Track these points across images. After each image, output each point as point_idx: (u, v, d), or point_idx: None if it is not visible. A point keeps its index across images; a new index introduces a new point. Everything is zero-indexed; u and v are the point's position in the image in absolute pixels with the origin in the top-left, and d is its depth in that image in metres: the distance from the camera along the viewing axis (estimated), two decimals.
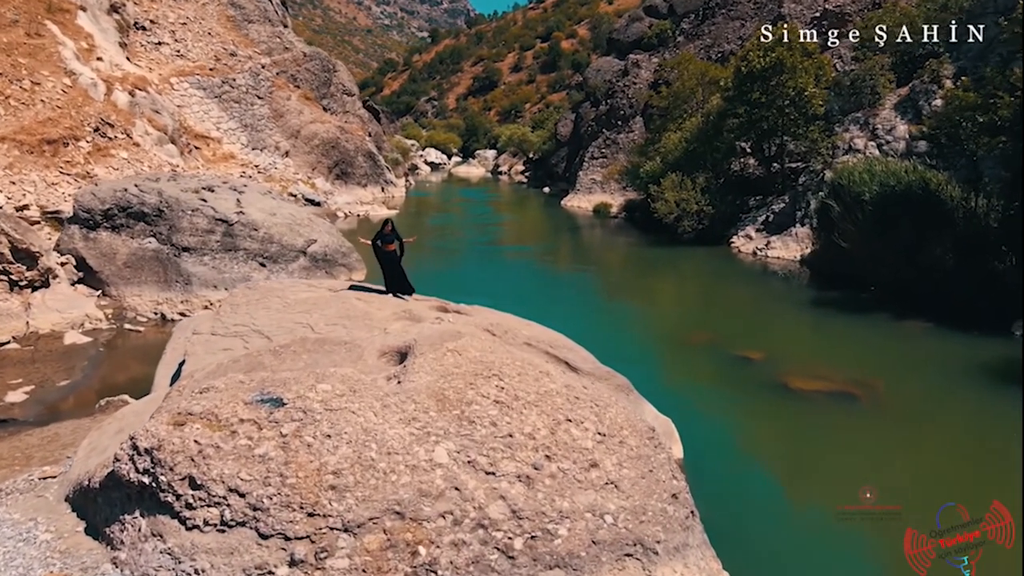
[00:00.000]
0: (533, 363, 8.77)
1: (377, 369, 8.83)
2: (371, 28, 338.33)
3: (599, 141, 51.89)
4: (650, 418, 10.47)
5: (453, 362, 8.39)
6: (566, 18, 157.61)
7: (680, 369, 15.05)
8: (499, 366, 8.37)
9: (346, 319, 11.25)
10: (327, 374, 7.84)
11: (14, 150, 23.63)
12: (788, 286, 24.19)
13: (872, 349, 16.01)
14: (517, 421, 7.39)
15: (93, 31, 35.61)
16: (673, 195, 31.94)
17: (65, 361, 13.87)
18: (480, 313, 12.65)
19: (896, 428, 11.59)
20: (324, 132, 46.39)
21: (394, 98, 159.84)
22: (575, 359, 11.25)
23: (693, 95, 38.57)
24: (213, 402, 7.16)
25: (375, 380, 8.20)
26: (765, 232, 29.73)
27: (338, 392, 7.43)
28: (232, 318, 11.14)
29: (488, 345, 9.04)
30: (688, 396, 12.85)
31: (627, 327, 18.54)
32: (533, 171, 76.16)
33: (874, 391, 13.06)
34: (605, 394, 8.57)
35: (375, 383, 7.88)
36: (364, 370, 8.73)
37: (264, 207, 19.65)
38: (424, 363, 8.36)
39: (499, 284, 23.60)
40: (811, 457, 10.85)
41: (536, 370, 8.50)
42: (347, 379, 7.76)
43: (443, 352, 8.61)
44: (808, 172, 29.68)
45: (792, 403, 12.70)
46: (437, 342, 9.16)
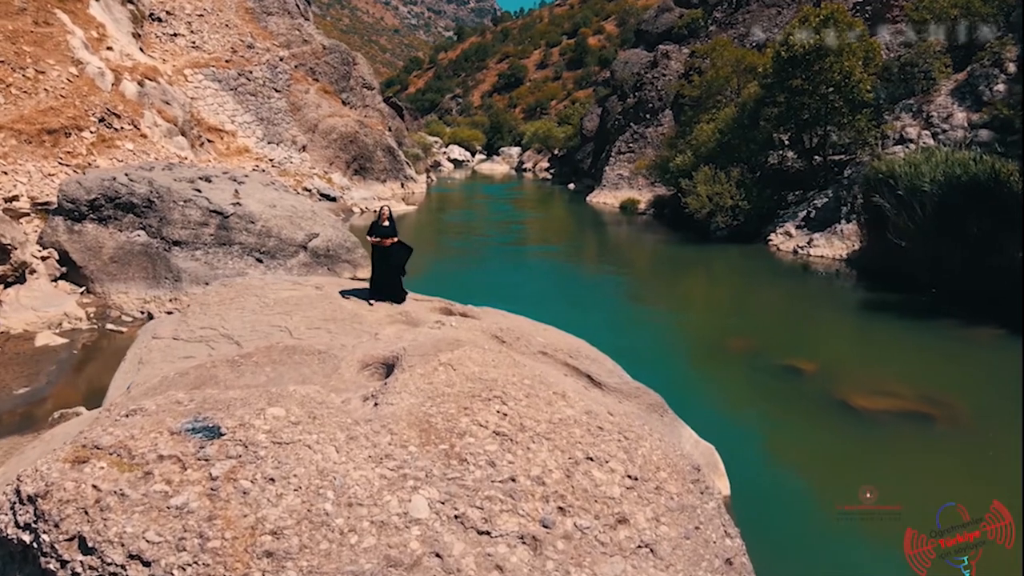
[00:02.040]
0: (546, 380, 7.05)
1: (355, 386, 7.20)
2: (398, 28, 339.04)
3: (626, 135, 49.89)
4: (689, 445, 8.70)
5: (445, 379, 6.70)
6: (593, 14, 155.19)
7: (720, 382, 13.15)
8: (502, 385, 6.67)
9: (332, 322, 9.65)
10: (283, 395, 6.21)
11: (11, 139, 22.52)
12: (834, 287, 22.12)
13: (941, 360, 13.99)
14: (522, 460, 5.69)
15: (105, 21, 34.65)
16: (706, 189, 29.91)
17: (31, 365, 12.48)
18: (490, 316, 10.98)
19: (988, 457, 9.64)
20: (342, 126, 45.10)
21: (419, 96, 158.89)
22: (599, 372, 9.52)
23: (728, 84, 36.41)
24: (130, 431, 5.57)
25: (348, 401, 6.56)
26: (806, 229, 27.60)
27: (293, 419, 5.79)
28: (199, 320, 9.59)
29: (491, 358, 7.34)
30: (732, 415, 11.03)
31: (657, 332, 16.70)
32: (558, 167, 74.29)
33: (952, 411, 11.10)
34: (636, 422, 6.81)
35: (343, 407, 6.23)
36: (338, 386, 7.10)
37: (263, 198, 18.19)
38: (409, 380, 6.70)
39: (517, 285, 21.88)
40: (887, 494, 8.95)
41: (549, 390, 6.78)
42: (307, 401, 6.11)
43: (434, 366, 6.94)
44: (854, 164, 27.46)
45: (856, 425, 10.79)
46: (430, 352, 7.50)
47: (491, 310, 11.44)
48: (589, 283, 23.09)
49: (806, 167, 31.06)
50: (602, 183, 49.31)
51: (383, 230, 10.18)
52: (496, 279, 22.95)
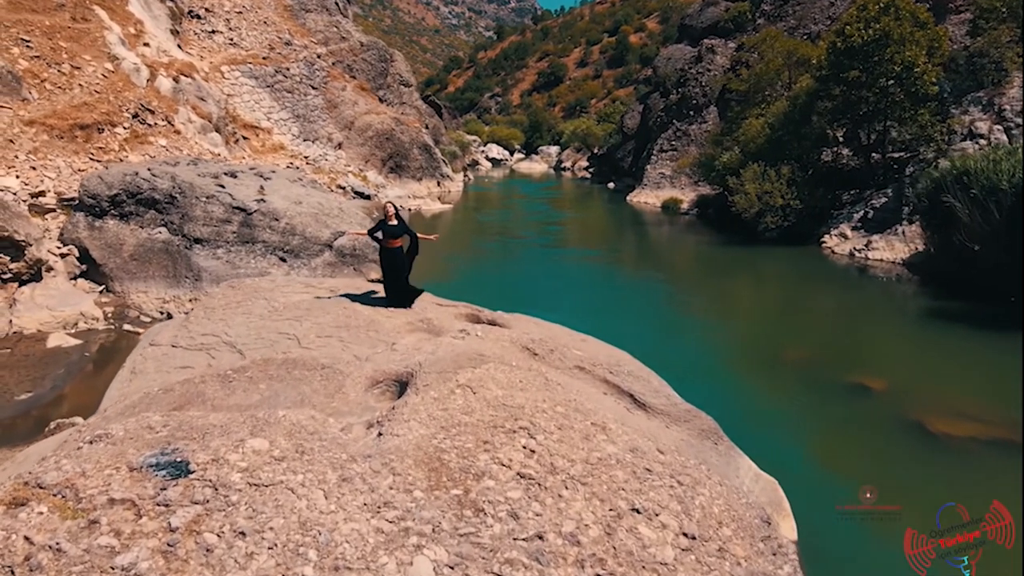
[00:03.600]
0: (583, 408, 5.95)
1: (360, 408, 6.20)
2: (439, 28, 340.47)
3: (669, 133, 48.28)
4: (749, 480, 7.50)
5: (463, 405, 5.66)
6: (635, 11, 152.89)
7: (777, 401, 11.81)
8: (530, 413, 5.60)
9: (345, 329, 8.71)
10: (270, 422, 5.24)
11: (42, 134, 22.29)
12: (897, 293, 20.45)
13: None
14: (552, 512, 4.61)
15: (144, 18, 34.63)
16: (755, 188, 28.31)
17: (38, 368, 11.86)
18: (521, 324, 9.92)
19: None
20: (379, 123, 44.53)
21: (458, 95, 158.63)
22: (643, 391, 8.39)
23: (778, 77, 34.61)
24: (83, 465, 4.67)
25: (348, 428, 5.57)
26: (863, 230, 25.86)
27: (276, 454, 4.82)
28: (201, 326, 8.75)
29: (517, 379, 6.28)
30: (793, 441, 9.74)
31: (705, 342, 15.39)
32: (597, 166, 72.78)
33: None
34: (690, 460, 5.68)
35: (340, 437, 5.23)
36: (340, 409, 6.11)
37: (289, 195, 17.45)
38: (420, 405, 5.67)
39: (553, 290, 20.73)
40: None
41: (586, 420, 5.69)
42: (296, 430, 5.14)
43: (450, 388, 5.90)
44: (917, 161, 25.60)
45: (939, 453, 9.42)
46: (448, 369, 6.48)
47: (523, 317, 10.39)
48: (630, 288, 21.80)
49: (862, 164, 29.21)
50: (643, 182, 47.81)
51: (392, 229, 9.18)
52: (531, 283, 21.84)
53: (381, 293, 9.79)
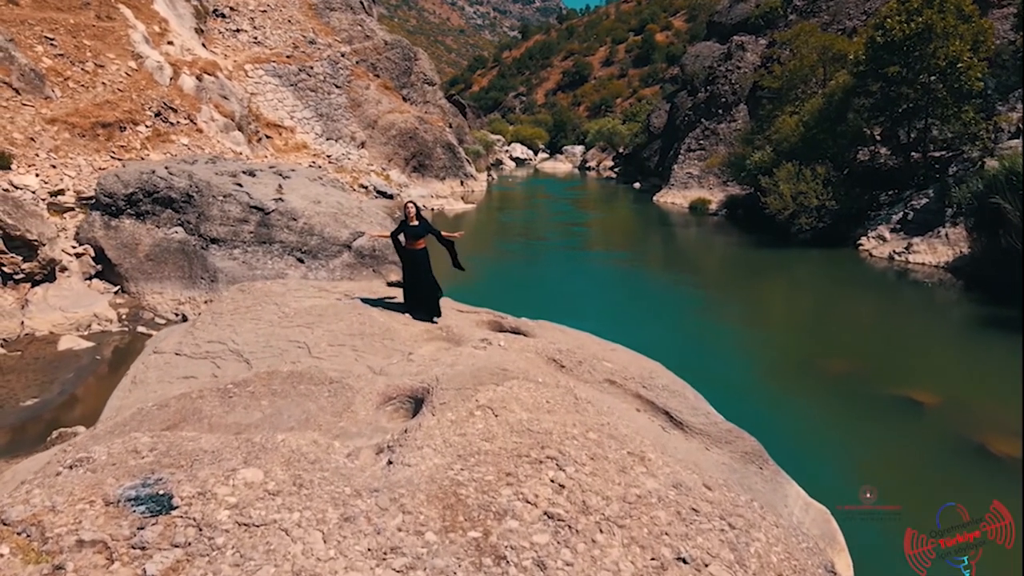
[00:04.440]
0: (617, 433, 5.30)
1: (370, 428, 5.62)
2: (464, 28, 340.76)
3: (697, 132, 47.27)
4: (799, 510, 6.79)
5: (483, 430, 5.05)
6: (661, 9, 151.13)
7: (821, 416, 11.01)
8: (559, 440, 4.97)
9: (359, 337, 8.15)
10: (268, 447, 4.68)
11: (64, 132, 22.17)
12: (941, 299, 19.44)
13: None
14: (586, 561, 3.98)
15: (169, 16, 34.62)
16: (789, 188, 27.31)
17: (47, 372, 11.50)
18: (547, 332, 9.29)
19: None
20: (402, 122, 44.18)
21: (482, 94, 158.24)
22: (679, 408, 7.71)
23: (812, 73, 33.47)
24: (54, 499, 4.14)
25: (355, 453, 5.00)
26: (903, 232, 24.79)
27: (271, 487, 4.24)
28: (208, 332, 8.25)
29: (544, 398, 5.65)
30: (842, 463, 8.98)
31: (741, 351, 14.61)
32: (623, 166, 71.80)
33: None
34: (742, 496, 5.00)
35: (345, 466, 4.66)
36: (348, 429, 5.54)
37: (307, 194, 17.00)
38: (436, 430, 5.07)
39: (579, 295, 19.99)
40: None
41: (622, 448, 5.04)
42: (296, 458, 4.57)
43: (469, 410, 5.30)
44: (960, 161, 24.48)
45: (1001, 479, 8.59)
46: (468, 386, 5.88)
47: (548, 324, 9.75)
48: (659, 293, 20.99)
49: (901, 164, 28.08)
50: (670, 182, 46.85)
51: (413, 230, 8.60)
52: (555, 287, 21.17)
53: (398, 297, 9.22)
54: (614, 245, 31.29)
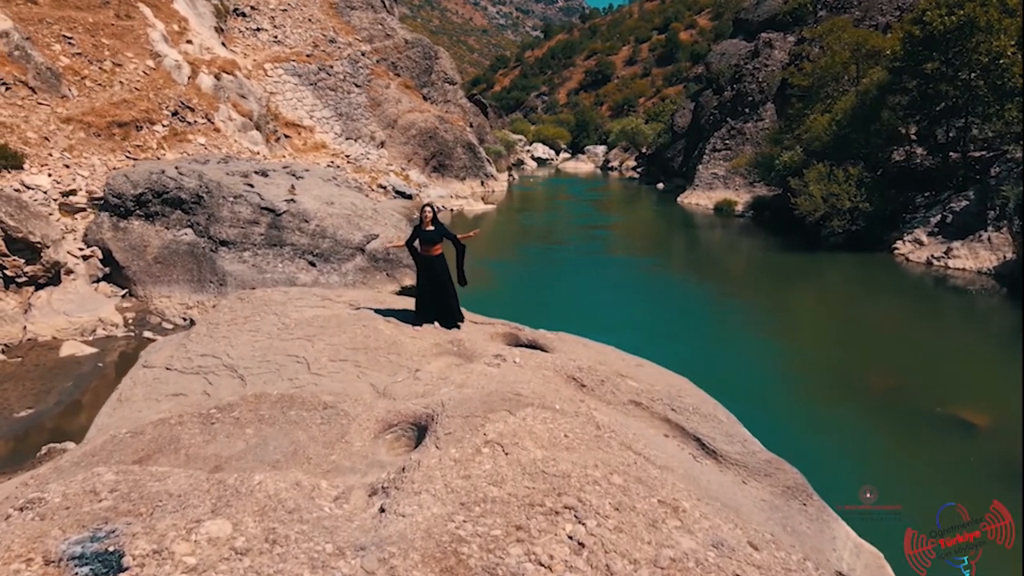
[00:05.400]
0: (646, 476, 4.60)
1: (365, 462, 5.00)
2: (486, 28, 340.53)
3: (722, 131, 46.17)
4: (848, 554, 6.03)
5: (490, 471, 4.38)
6: (685, 8, 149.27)
7: (865, 440, 10.14)
8: (578, 485, 4.28)
9: (363, 351, 7.55)
10: (242, 491, 4.06)
11: (79, 132, 21.91)
12: (984, 307, 18.40)
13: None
14: None
15: (188, 15, 34.44)
16: (820, 189, 26.28)
17: (46, 380, 11.06)
18: (567, 346, 8.61)
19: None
20: (422, 122, 43.69)
21: (504, 94, 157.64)
22: (712, 434, 7.01)
23: (845, 70, 32.30)
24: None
25: (345, 496, 4.36)
26: (941, 236, 23.68)
27: (240, 544, 3.61)
28: (202, 345, 7.68)
29: (562, 430, 4.97)
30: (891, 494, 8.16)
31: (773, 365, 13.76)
32: (646, 166, 70.76)
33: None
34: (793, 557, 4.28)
35: (325, 519, 4.00)
36: (340, 464, 4.91)
37: (321, 195, 16.48)
38: (436, 470, 4.41)
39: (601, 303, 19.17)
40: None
41: (651, 497, 4.34)
42: (272, 507, 3.94)
43: (475, 446, 4.63)
44: (1003, 161, 23.32)
45: None
46: (477, 413, 5.22)
47: (568, 337, 9.06)
48: (685, 301, 20.08)
49: (939, 164, 26.92)
50: (694, 183, 45.83)
51: (428, 235, 7.98)
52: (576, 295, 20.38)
53: (406, 307, 8.59)
54: (637, 250, 30.38)
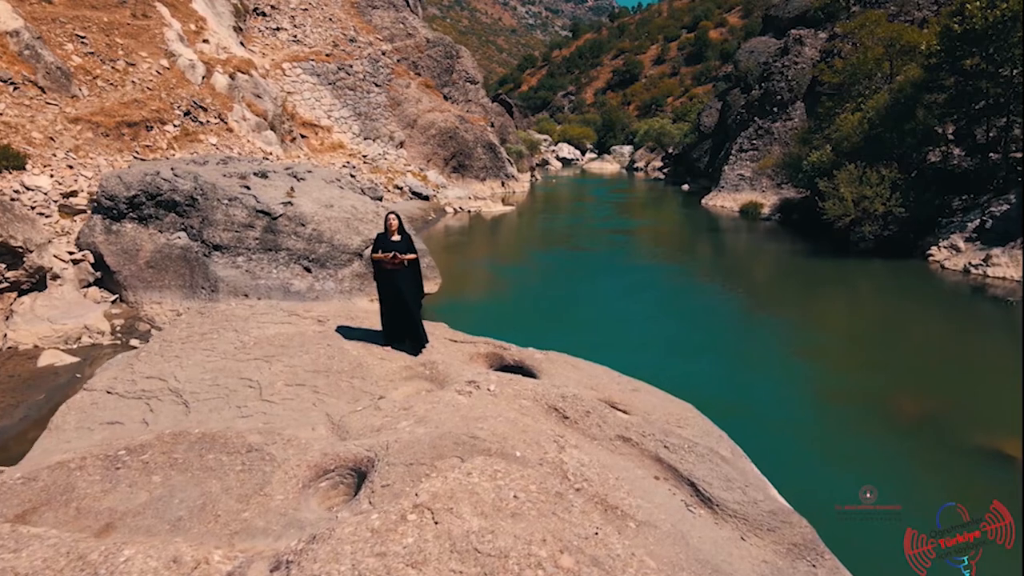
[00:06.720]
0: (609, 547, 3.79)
1: (283, 523, 4.26)
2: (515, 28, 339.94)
3: (749, 131, 44.76)
4: None
5: (412, 547, 3.60)
6: (715, 6, 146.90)
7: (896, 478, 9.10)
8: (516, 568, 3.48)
9: (323, 375, 6.85)
10: (102, 572, 3.33)
11: (86, 132, 21.66)
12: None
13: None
14: None
15: (207, 14, 34.28)
16: (851, 192, 24.99)
17: (17, 393, 10.56)
18: (555, 368, 7.82)
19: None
20: (442, 121, 43.09)
21: (531, 93, 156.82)
22: (709, 476, 6.22)
23: (878, 67, 30.88)
24: None
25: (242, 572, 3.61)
26: (980, 242, 22.31)
27: None
28: (150, 365, 7.04)
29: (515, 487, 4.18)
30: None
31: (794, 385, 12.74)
32: (672, 167, 69.39)
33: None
34: None
35: None
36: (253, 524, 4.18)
37: (320, 197, 15.88)
38: (348, 543, 3.64)
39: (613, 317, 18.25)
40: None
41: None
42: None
43: (403, 511, 3.86)
44: None
45: None
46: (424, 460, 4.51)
47: (558, 357, 8.24)
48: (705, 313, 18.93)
49: (978, 166, 25.46)
50: (720, 184, 44.52)
51: (393, 246, 7.24)
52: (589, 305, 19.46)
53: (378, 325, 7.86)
54: (658, 256, 29.27)
